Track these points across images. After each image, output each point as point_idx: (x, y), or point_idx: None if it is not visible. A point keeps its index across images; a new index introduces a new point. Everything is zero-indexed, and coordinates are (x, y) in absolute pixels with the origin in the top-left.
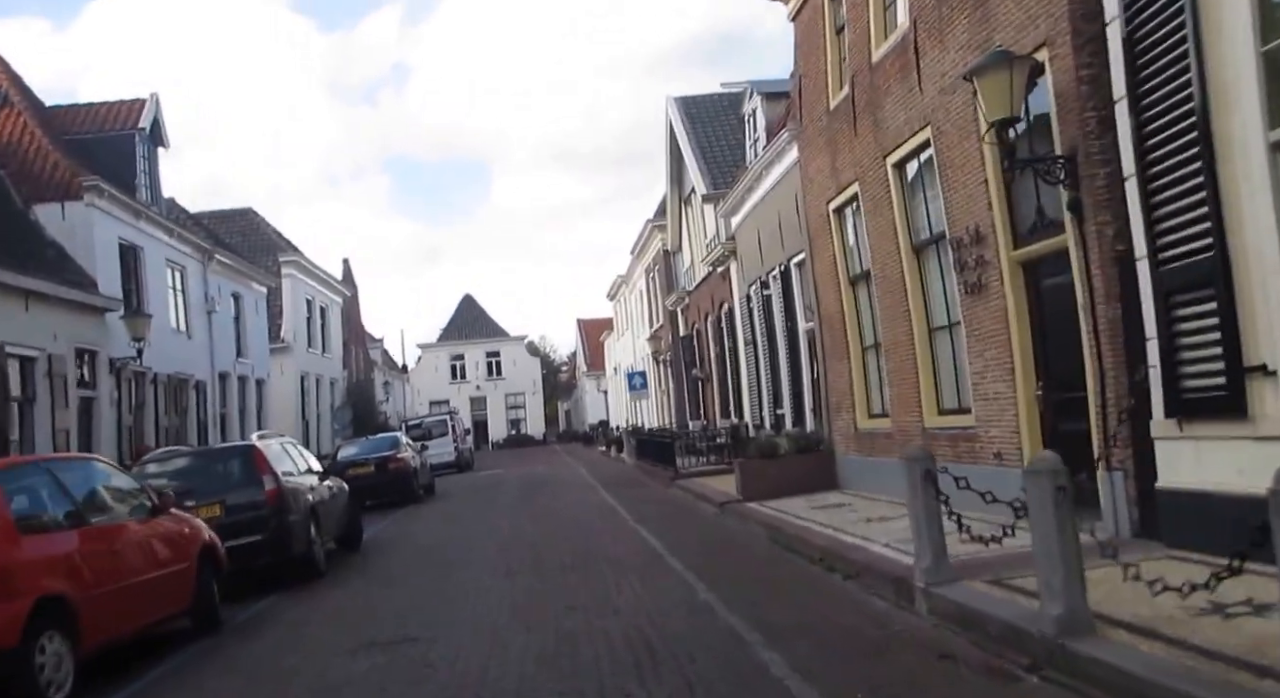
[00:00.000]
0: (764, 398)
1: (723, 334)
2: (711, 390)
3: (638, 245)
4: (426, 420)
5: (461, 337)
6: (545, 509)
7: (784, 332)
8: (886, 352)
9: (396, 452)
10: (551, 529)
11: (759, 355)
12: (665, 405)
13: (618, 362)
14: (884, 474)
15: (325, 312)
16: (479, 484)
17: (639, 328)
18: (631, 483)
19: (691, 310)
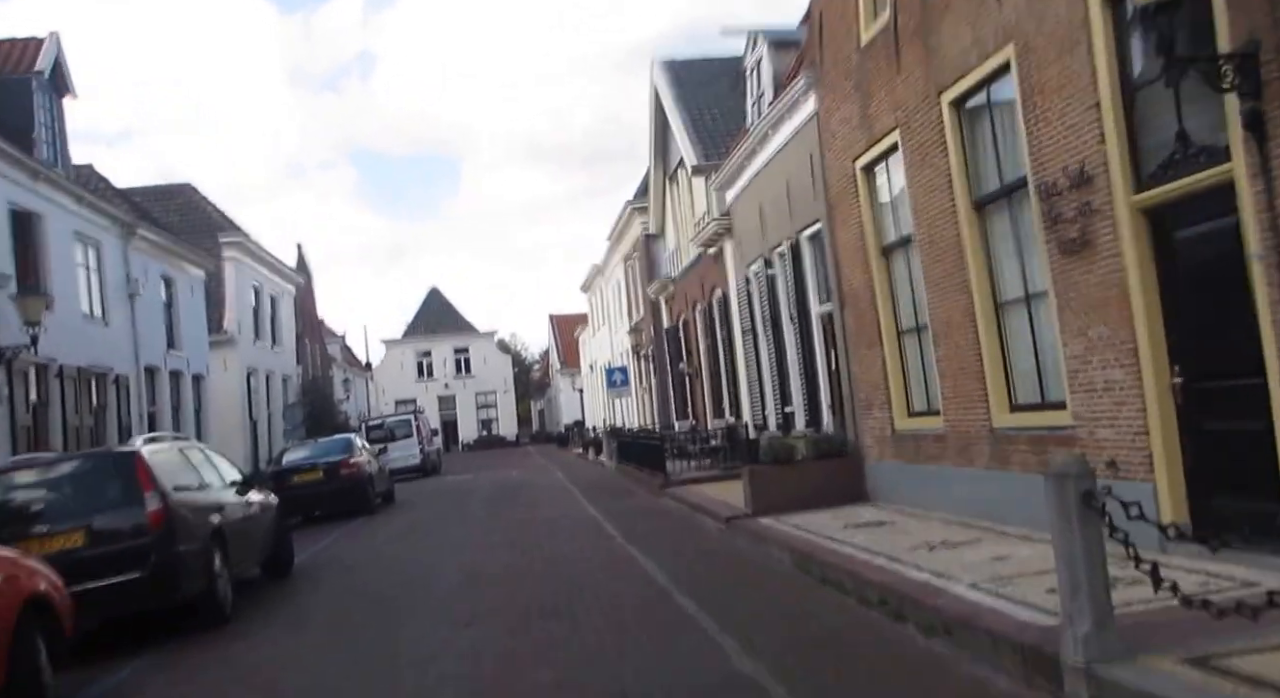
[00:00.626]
0: (768, 394)
1: (714, 324)
2: (701, 387)
3: (615, 231)
4: (389, 420)
5: (428, 332)
6: (518, 524)
7: (793, 317)
8: (936, 335)
9: (349, 456)
10: (526, 552)
11: (761, 346)
12: (647, 404)
13: (594, 358)
14: (933, 485)
15: (276, 301)
16: (445, 491)
17: (617, 321)
18: (615, 491)
19: (677, 300)
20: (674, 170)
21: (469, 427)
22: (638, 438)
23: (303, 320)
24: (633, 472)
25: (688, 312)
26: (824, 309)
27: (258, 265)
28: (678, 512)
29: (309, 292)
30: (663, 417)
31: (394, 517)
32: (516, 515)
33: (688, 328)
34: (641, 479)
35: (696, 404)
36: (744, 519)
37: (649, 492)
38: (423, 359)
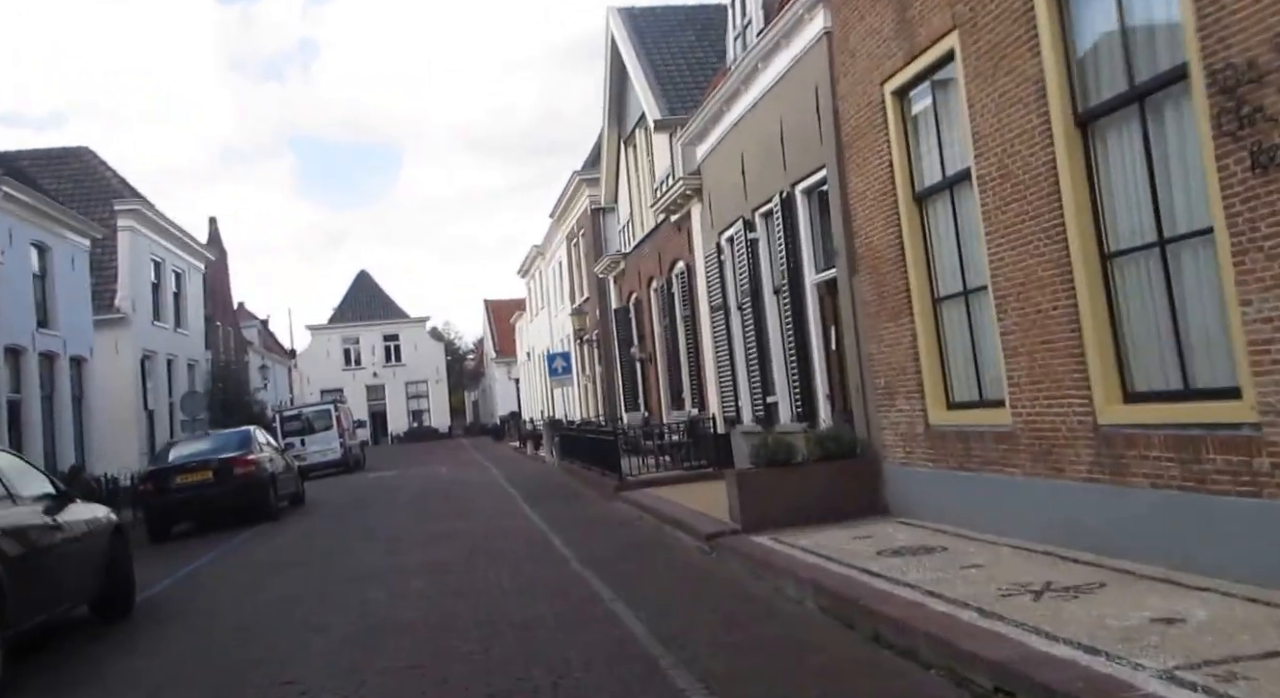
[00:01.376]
0: (742, 382)
1: (674, 302)
2: (656, 374)
3: (559, 206)
4: (306, 411)
5: (356, 318)
6: (446, 541)
7: (779, 289)
8: (1003, 300)
9: (246, 452)
10: (455, 591)
11: (734, 325)
12: (592, 394)
13: (531, 345)
14: (991, 499)
15: (181, 278)
16: (365, 492)
17: (558, 305)
18: (561, 493)
19: (628, 277)
20: (631, 131)
21: (399, 418)
22: (584, 432)
23: (214, 301)
24: (579, 471)
25: (641, 290)
26: (823, 277)
27: (160, 237)
28: (642, 524)
29: (222, 270)
30: (609, 408)
31: (298, 526)
32: (445, 528)
33: (640, 308)
34: (591, 480)
35: (650, 394)
36: (732, 537)
37: (601, 495)
38: (350, 346)
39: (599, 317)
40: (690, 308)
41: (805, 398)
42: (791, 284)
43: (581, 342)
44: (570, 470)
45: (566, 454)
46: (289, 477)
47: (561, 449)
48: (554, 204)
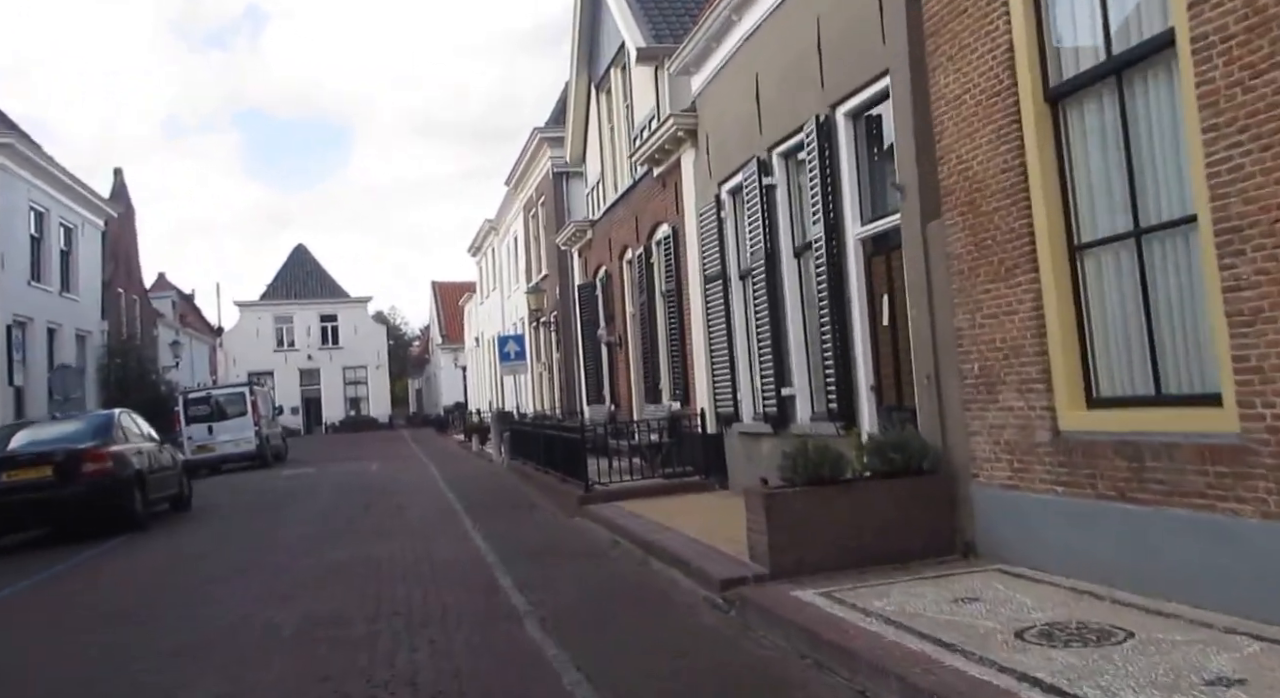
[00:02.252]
0: (743, 370)
1: (653, 275)
2: (626, 361)
3: (516, 171)
4: (216, 394)
5: (290, 295)
6: (352, 577)
7: (804, 250)
8: (1238, 236)
9: (100, 444)
10: (337, 686)
11: (734, 298)
12: (548, 383)
13: (481, 330)
14: (1189, 548)
15: (72, 234)
16: (273, 494)
17: (512, 284)
18: (512, 503)
19: (596, 248)
20: (605, 72)
21: (335, 406)
22: (541, 428)
23: (117, 265)
24: (533, 474)
25: (611, 262)
26: (871, 230)
27: (42, 182)
28: (621, 556)
29: (129, 230)
30: (568, 400)
31: (164, 543)
32: (356, 554)
33: (610, 284)
34: (547, 486)
35: (619, 385)
36: (757, 587)
37: (562, 507)
38: (282, 326)
39: (559, 296)
40: (675, 281)
41: (842, 391)
42: (829, 240)
43: (538, 324)
44: (522, 473)
45: (519, 453)
46: (168, 475)
47: (513, 447)
48: (510, 169)
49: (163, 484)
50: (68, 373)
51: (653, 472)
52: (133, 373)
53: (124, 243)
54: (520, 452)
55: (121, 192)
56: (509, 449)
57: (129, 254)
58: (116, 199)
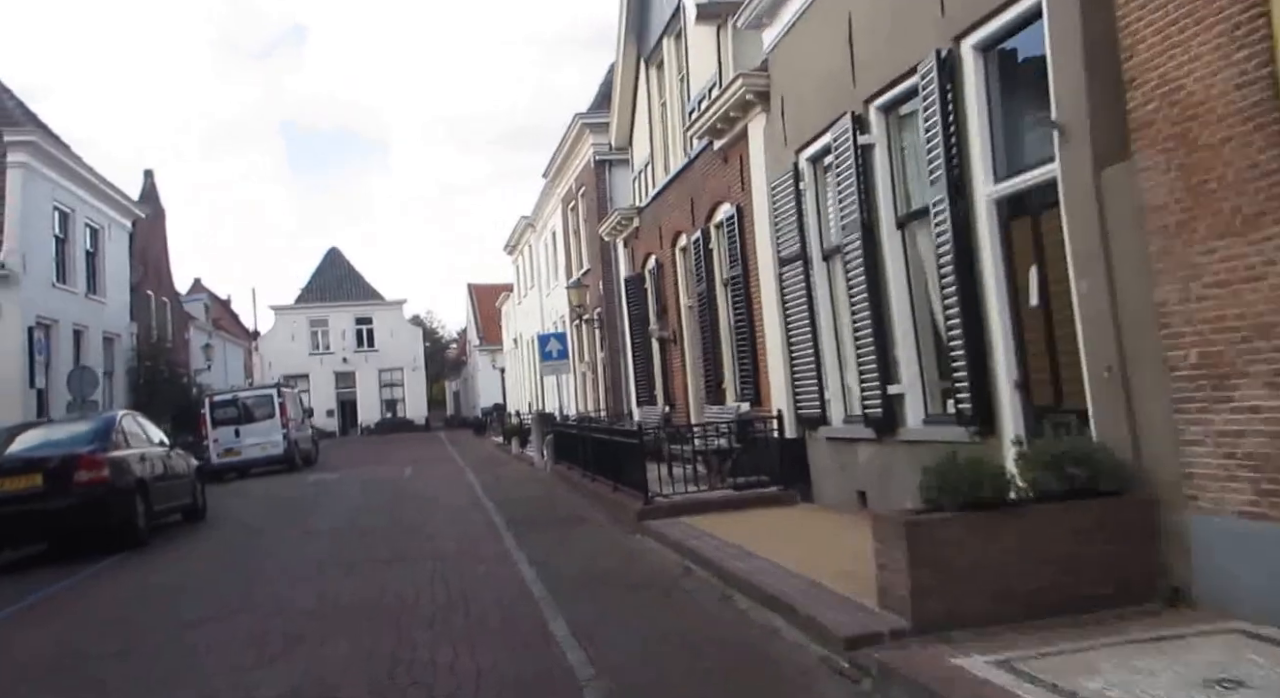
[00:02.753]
0: (832, 364)
1: (713, 261)
2: (682, 358)
3: (555, 161)
4: (244, 396)
5: (325, 298)
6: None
7: (910, 219)
8: None
9: (96, 450)
10: None
11: (821, 281)
12: (592, 384)
13: (519, 330)
14: None
15: (99, 236)
16: (295, 502)
17: (550, 282)
18: (559, 516)
19: (645, 236)
20: (657, 42)
21: (371, 408)
22: (590, 430)
23: (146, 267)
24: (581, 481)
25: (662, 250)
26: (1011, 187)
27: (68, 182)
28: (696, 590)
29: (158, 232)
30: (614, 401)
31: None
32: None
33: (661, 274)
34: (599, 495)
35: (673, 384)
36: (900, 648)
37: (618, 522)
38: (317, 329)
39: (602, 291)
40: (741, 266)
41: (976, 388)
42: (951, 205)
43: (580, 322)
44: (567, 479)
45: (563, 457)
46: (178, 483)
47: (556, 450)
48: (548, 161)
49: (172, 493)
50: (84, 374)
51: (720, 482)
52: (162, 376)
53: (154, 245)
54: (565, 456)
55: (152, 193)
56: (552, 453)
57: (159, 257)
58: (147, 201)
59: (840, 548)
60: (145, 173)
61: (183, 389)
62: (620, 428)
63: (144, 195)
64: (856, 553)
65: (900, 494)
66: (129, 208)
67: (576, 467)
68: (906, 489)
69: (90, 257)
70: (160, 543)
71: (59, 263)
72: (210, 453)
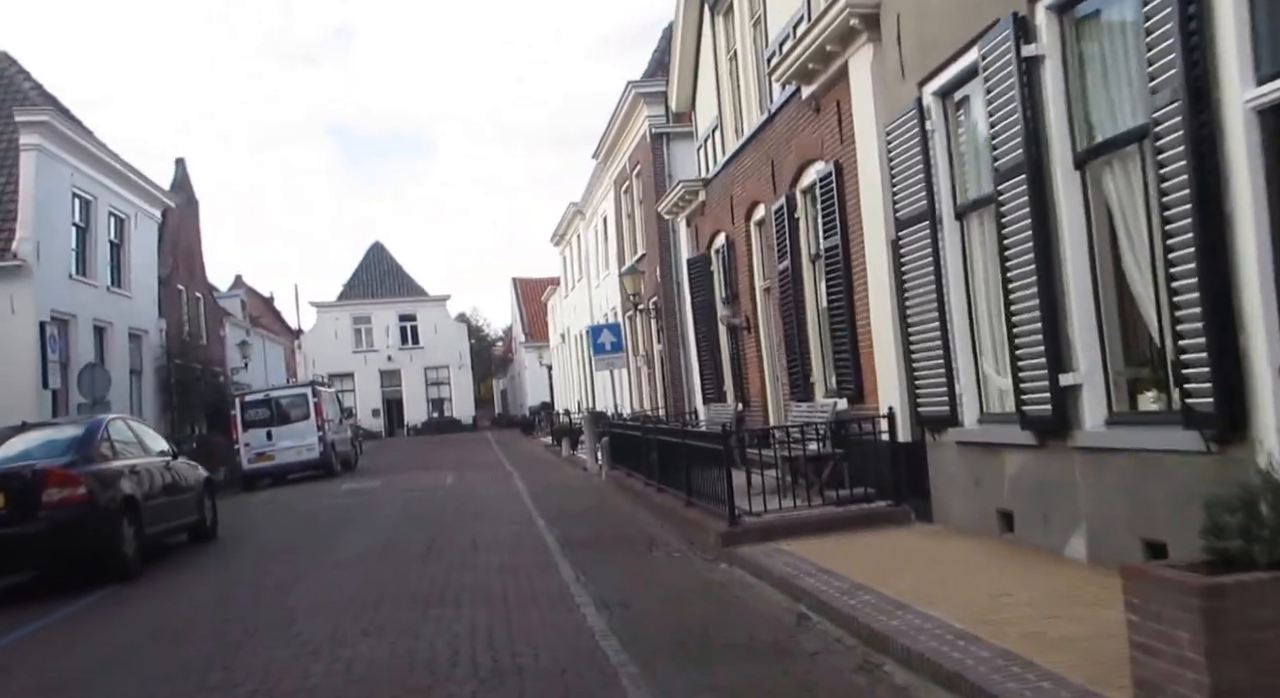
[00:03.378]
0: (966, 349)
1: (799, 232)
2: (756, 348)
3: (608, 138)
4: (276, 395)
5: (368, 294)
6: None
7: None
8: None
9: (72, 462)
10: None
11: (952, 243)
12: (648, 379)
13: (567, 325)
14: None
15: (124, 226)
16: (321, 518)
17: (601, 271)
18: (625, 538)
19: (712, 211)
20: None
21: (417, 407)
22: (654, 432)
23: (176, 259)
24: (644, 491)
25: (734, 226)
26: None
27: (88, 166)
28: (825, 654)
29: (190, 223)
30: (674, 398)
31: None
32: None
33: (733, 253)
34: (668, 510)
35: (747, 378)
36: None
37: (694, 543)
38: (361, 326)
39: (660, 277)
40: (839, 235)
41: (1219, 374)
42: (1190, 118)
43: (635, 311)
44: (627, 488)
45: (620, 461)
46: (181, 499)
47: (613, 454)
48: (599, 140)
49: (172, 512)
50: (96, 373)
51: (814, 495)
52: (194, 375)
53: (186, 237)
54: (622, 460)
55: (184, 183)
56: (608, 457)
57: (191, 249)
58: (178, 191)
59: (1007, 593)
60: (176, 161)
61: (217, 389)
62: (695, 429)
63: (175, 185)
64: (1034, 602)
65: (1066, 522)
66: (158, 197)
67: (637, 474)
68: (1082, 516)
69: (115, 248)
70: (154, 573)
71: (79, 254)
72: (241, 457)
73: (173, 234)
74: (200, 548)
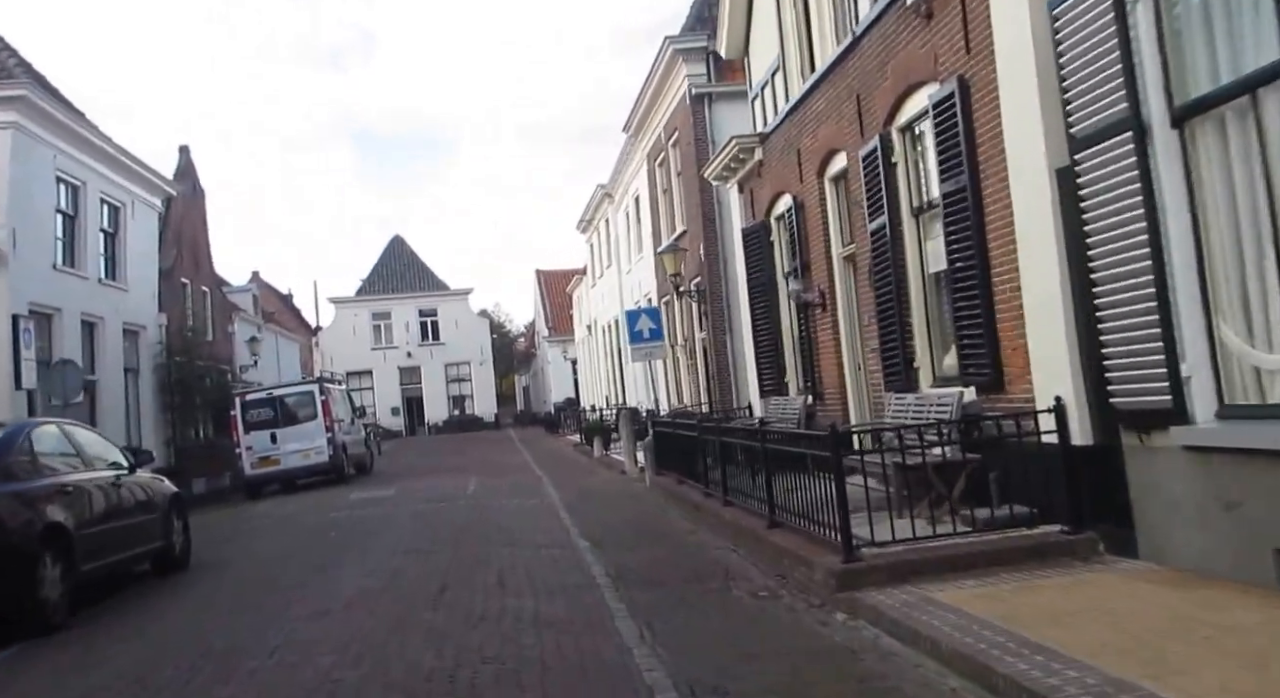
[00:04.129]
0: (1194, 309)
1: (896, 181)
2: (832, 329)
3: (639, 110)
4: (280, 393)
5: (388, 289)
6: None
7: None
8: None
9: None
10: None
11: (1170, 159)
12: (688, 370)
13: (594, 316)
14: None
15: (119, 214)
16: (316, 541)
17: (633, 255)
18: (696, 577)
19: (771, 171)
20: None
21: (438, 405)
22: (716, 432)
23: (180, 251)
24: (705, 504)
25: (803, 184)
26: None
27: (77, 150)
28: None
29: (195, 214)
30: (720, 392)
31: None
32: None
33: (802, 216)
34: (746, 533)
35: (819, 365)
36: None
37: (790, 582)
38: (380, 322)
39: (703, 255)
40: (966, 175)
41: None
42: None
43: (677, 295)
44: (679, 497)
45: (668, 465)
46: (135, 524)
47: (659, 457)
48: (630, 109)
49: (125, 539)
50: (67, 370)
51: (945, 514)
52: (196, 373)
53: (190, 228)
54: (670, 463)
55: (188, 170)
56: (652, 460)
57: (197, 240)
58: (182, 179)
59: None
60: (181, 148)
61: (223, 388)
62: (784, 429)
63: (179, 173)
64: None
65: None
66: (158, 184)
67: (691, 481)
68: None
69: (109, 238)
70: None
71: (66, 243)
72: (244, 462)
73: (176, 224)
74: (160, 583)
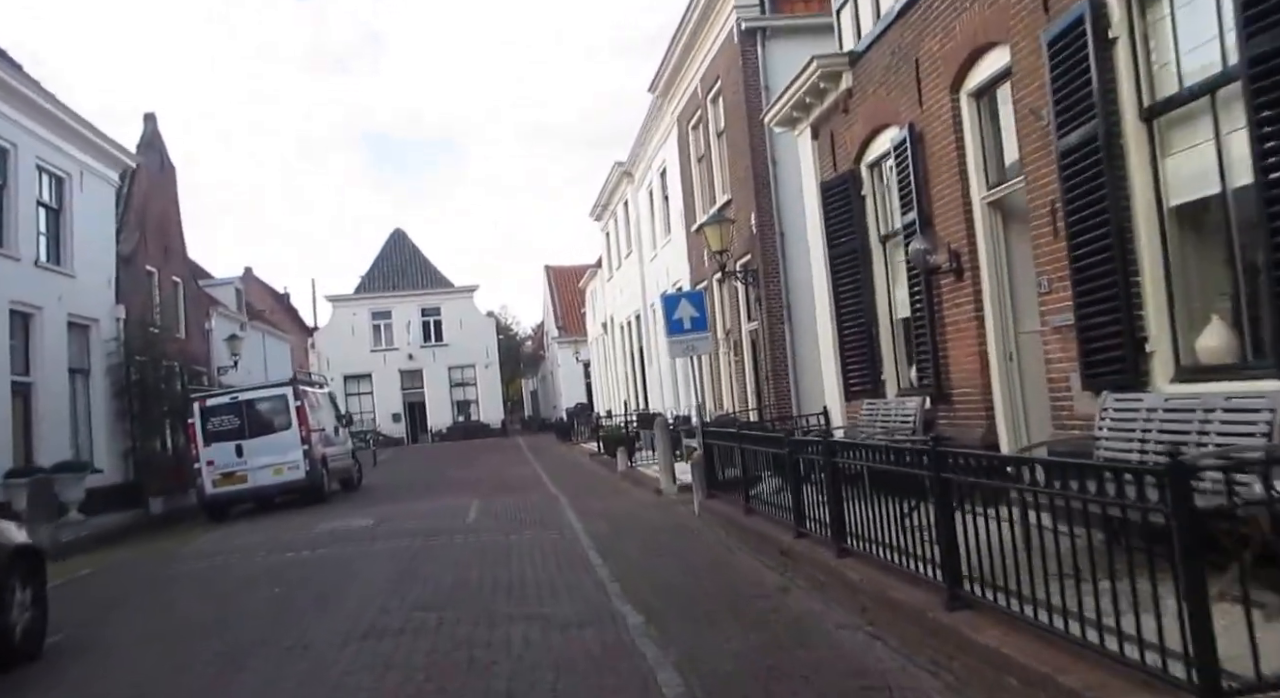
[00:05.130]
0: None
1: (1112, 74)
2: (968, 304)
3: (669, 60)
4: (247, 397)
5: (388, 286)
6: None
7: None
8: None
9: None
10: None
11: None
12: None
13: (610, 312)
14: None
15: (63, 187)
16: (252, 601)
17: (659, 239)
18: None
19: (867, 103)
20: None
21: (441, 410)
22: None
23: (144, 234)
24: (797, 548)
25: (922, 110)
26: None
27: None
28: None
29: (164, 193)
30: (778, 394)
31: None
32: None
33: (922, 153)
34: (887, 605)
35: (948, 355)
36: None
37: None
38: (380, 322)
39: (755, 228)
40: None
41: None
42: None
43: (724, 277)
44: (751, 532)
45: (726, 487)
46: None
47: (706, 477)
48: (658, 65)
49: None
50: None
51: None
52: (161, 375)
53: (158, 208)
54: (732, 486)
55: (154, 142)
56: (703, 479)
57: (165, 222)
58: (146, 152)
59: None
60: (146, 116)
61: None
62: (972, 450)
63: (144, 143)
64: None
65: None
66: (115, 155)
67: (769, 510)
68: None
69: (52, 214)
70: None
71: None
72: (204, 479)
73: (140, 203)
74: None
